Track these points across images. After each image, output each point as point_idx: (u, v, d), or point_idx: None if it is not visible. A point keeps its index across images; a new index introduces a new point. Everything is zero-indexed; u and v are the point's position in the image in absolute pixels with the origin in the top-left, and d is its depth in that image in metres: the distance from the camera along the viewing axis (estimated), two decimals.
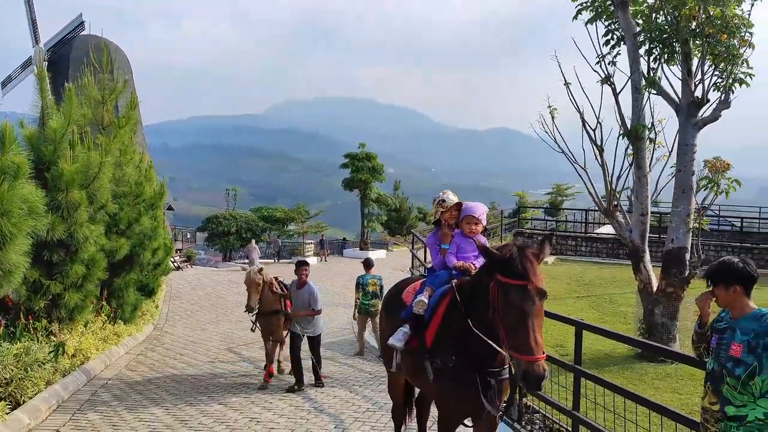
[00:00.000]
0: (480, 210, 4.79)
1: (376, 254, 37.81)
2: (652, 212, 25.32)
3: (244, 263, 37.63)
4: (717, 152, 10.85)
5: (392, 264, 30.67)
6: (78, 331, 10.57)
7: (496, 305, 3.76)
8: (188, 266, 30.95)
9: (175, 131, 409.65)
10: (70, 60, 33.23)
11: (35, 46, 34.60)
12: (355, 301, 12.07)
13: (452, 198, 4.90)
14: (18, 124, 9.41)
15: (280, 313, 9.58)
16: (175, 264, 28.30)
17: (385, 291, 12.40)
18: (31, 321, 9.51)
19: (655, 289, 11.09)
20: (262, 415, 7.72)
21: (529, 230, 28.19)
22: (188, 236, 46.64)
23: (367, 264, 12.35)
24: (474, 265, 4.60)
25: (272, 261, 37.14)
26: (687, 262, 10.78)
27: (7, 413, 6.91)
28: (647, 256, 11.42)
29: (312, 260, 36.14)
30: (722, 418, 3.58)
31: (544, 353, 3.57)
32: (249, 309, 9.35)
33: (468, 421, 4.41)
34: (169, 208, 39.05)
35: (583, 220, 29.16)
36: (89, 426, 7.29)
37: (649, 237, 11.66)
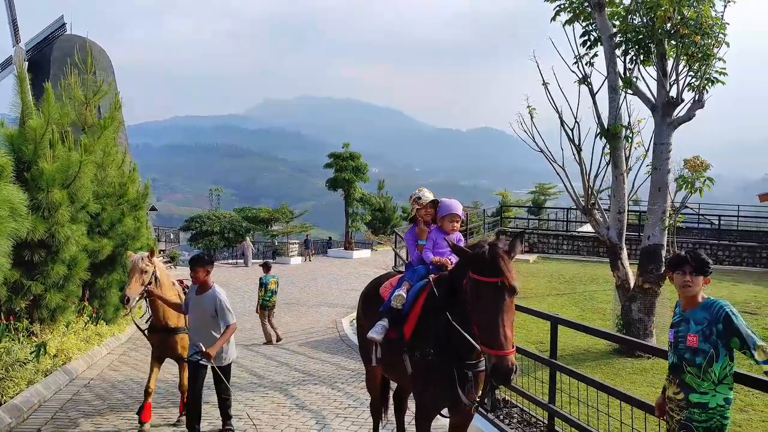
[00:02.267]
0: (460, 207, 4.95)
1: (360, 254, 37.95)
2: (631, 210, 25.68)
3: (231, 263, 37.64)
4: (695, 150, 11.07)
5: (377, 263, 30.79)
6: (60, 332, 10.57)
7: (469, 301, 3.87)
8: (171, 267, 30.84)
9: (157, 131, 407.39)
10: (52, 60, 33.03)
11: (15, 45, 34.30)
12: (258, 298, 13.97)
13: (428, 195, 5.04)
14: None
15: (180, 332, 7.17)
16: None
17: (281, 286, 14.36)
18: (12, 321, 9.50)
19: (632, 285, 11.30)
20: (244, 412, 7.78)
21: (511, 229, 28.43)
22: (171, 237, 46.45)
23: (266, 266, 14.57)
24: (450, 260, 4.73)
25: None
26: (663, 259, 10.98)
27: None
28: (624, 253, 11.63)
29: (297, 260, 36.15)
30: (686, 406, 3.74)
31: (513, 348, 3.68)
32: (125, 299, 6.67)
33: (445, 412, 4.51)
34: (153, 209, 38.90)
35: (565, 219, 29.48)
36: (71, 425, 7.31)
37: (628, 235, 11.88)
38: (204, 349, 6.04)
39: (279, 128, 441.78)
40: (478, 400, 4.29)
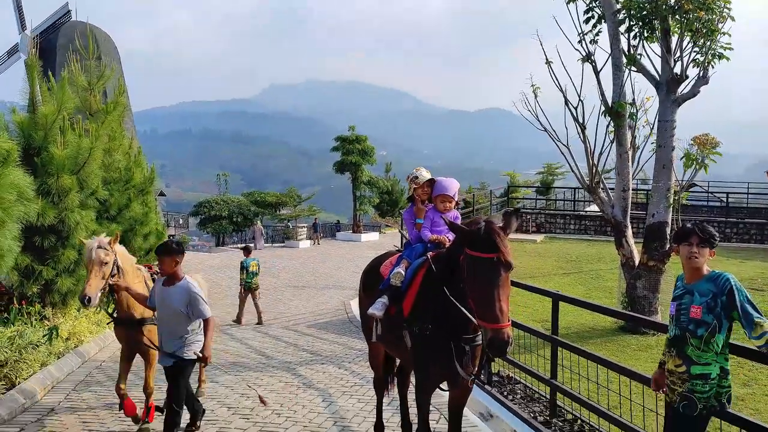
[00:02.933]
0: (454, 188, 4.98)
1: (369, 236, 38.04)
2: (640, 189, 25.54)
3: (240, 247, 37.83)
4: (703, 129, 11.07)
5: (385, 246, 30.73)
6: (71, 315, 10.74)
7: (465, 277, 3.95)
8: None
9: (164, 117, 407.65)
10: (57, 47, 33.13)
11: (21, 32, 34.40)
12: (241, 281, 14.57)
13: (425, 174, 5.09)
14: (10, 111, 9.52)
15: (146, 324, 6.52)
16: None
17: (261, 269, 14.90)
18: (24, 306, 9.67)
19: (637, 263, 11.34)
20: (252, 391, 7.92)
21: (518, 209, 28.39)
22: (180, 222, 46.75)
23: (247, 250, 15.32)
24: (448, 237, 4.81)
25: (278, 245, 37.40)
26: (668, 237, 11.01)
27: (2, 393, 7.10)
28: (629, 231, 11.65)
29: (305, 244, 36.28)
30: (688, 378, 3.81)
31: (509, 321, 3.77)
32: (85, 300, 5.74)
33: (444, 385, 4.61)
34: (161, 194, 39.12)
35: (573, 199, 29.45)
36: (83, 405, 7.48)
37: (634, 213, 11.89)
38: (200, 355, 5.50)
39: (284, 113, 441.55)
40: (475, 373, 4.39)
